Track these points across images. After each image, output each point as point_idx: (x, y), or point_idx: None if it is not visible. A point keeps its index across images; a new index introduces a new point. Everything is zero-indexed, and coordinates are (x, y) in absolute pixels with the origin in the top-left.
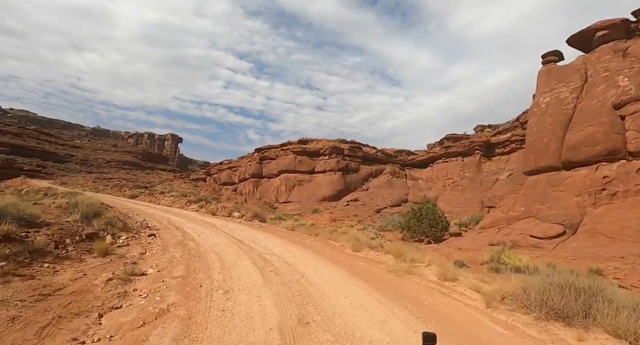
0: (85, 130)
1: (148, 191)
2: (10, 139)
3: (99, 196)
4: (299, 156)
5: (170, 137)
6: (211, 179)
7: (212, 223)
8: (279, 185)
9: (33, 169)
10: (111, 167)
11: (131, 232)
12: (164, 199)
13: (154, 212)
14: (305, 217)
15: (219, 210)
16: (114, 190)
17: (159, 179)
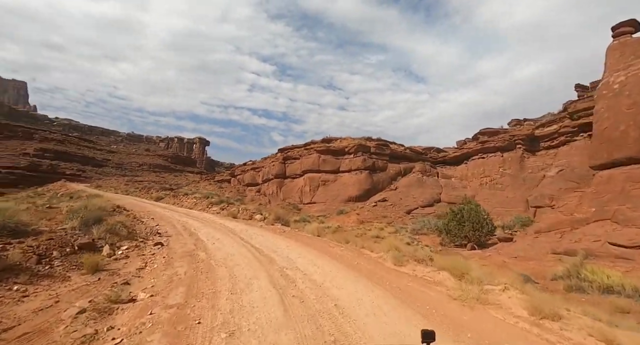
0: (121, 136)
1: (173, 193)
2: (55, 145)
3: (124, 198)
4: (323, 155)
5: (198, 141)
6: (235, 180)
7: (231, 228)
8: (302, 186)
9: (74, 173)
10: (143, 170)
11: (136, 240)
12: (187, 200)
13: (171, 216)
14: (330, 219)
15: (240, 212)
16: (142, 193)
17: (186, 181)
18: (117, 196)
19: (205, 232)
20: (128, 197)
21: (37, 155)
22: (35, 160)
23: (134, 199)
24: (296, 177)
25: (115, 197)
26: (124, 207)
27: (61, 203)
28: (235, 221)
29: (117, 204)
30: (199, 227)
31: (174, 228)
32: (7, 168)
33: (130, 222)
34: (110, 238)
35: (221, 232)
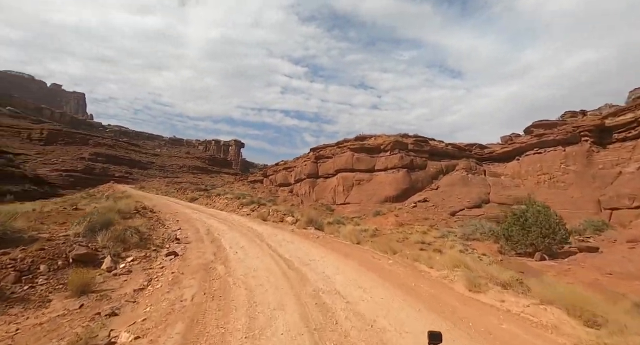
0: (164, 140)
1: (206, 194)
2: (106, 150)
3: (158, 199)
4: (357, 153)
5: (233, 143)
6: (267, 181)
7: (259, 232)
8: (336, 186)
9: (122, 175)
10: (183, 171)
11: (147, 249)
12: (219, 201)
13: (197, 218)
14: (366, 221)
15: (270, 214)
16: (179, 193)
17: (221, 182)
18: (153, 197)
19: (229, 237)
20: (164, 197)
21: (91, 159)
22: (90, 164)
23: (168, 200)
24: (329, 177)
25: (151, 198)
26: (152, 209)
27: (92, 204)
28: (265, 224)
29: (144, 205)
30: (224, 232)
31: (197, 233)
32: (67, 171)
33: (150, 225)
34: (116, 246)
35: (247, 238)
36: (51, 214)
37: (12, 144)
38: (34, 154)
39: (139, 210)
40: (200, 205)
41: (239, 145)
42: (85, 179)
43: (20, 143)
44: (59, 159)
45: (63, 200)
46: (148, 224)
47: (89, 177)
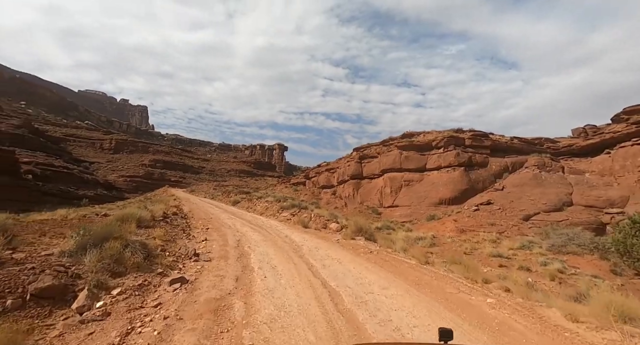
0: (214, 146)
1: (248, 197)
2: (163, 156)
3: (201, 202)
4: (405, 152)
5: (277, 147)
6: (310, 183)
7: (298, 243)
8: (382, 187)
9: (177, 179)
10: (230, 175)
11: (150, 272)
12: (259, 204)
13: (231, 224)
14: (419, 226)
15: (312, 219)
16: (223, 196)
17: (264, 185)
18: (198, 200)
19: (261, 251)
20: (208, 201)
21: (151, 165)
22: (150, 170)
23: (210, 203)
24: (374, 178)
25: (194, 201)
26: (185, 213)
27: (126, 208)
28: (305, 232)
29: (176, 211)
30: (257, 243)
31: (224, 245)
32: (131, 177)
33: (170, 236)
34: (104, 272)
35: (283, 253)
36: (71, 222)
37: (87, 153)
38: (105, 161)
39: (167, 217)
40: (240, 209)
41: (283, 149)
42: (146, 184)
43: (94, 152)
44: (124, 165)
45: (115, 205)
46: (168, 234)
47: (148, 182)
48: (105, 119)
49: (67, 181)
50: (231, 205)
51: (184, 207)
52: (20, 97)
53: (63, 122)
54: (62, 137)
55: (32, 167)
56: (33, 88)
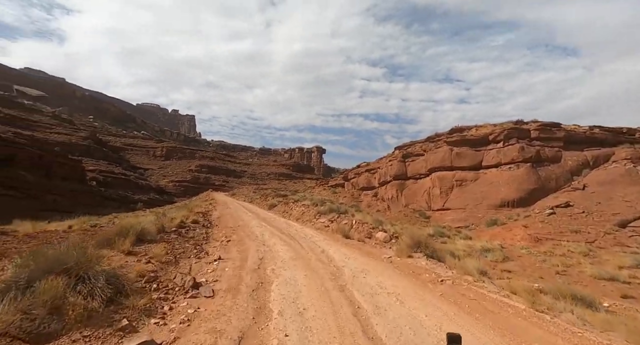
0: (255, 151)
1: (284, 200)
2: (208, 162)
3: (236, 206)
4: (457, 148)
5: (315, 150)
6: (349, 184)
7: (338, 265)
8: (430, 188)
9: (220, 183)
10: (270, 178)
11: (110, 324)
12: (296, 208)
13: (259, 234)
14: (478, 233)
15: (353, 227)
16: (261, 200)
17: (303, 187)
18: (234, 204)
19: (287, 279)
20: (245, 204)
21: (197, 170)
22: (196, 175)
23: (246, 207)
24: (420, 178)
25: (229, 205)
26: (211, 220)
27: (149, 216)
28: (346, 244)
29: (197, 219)
30: (284, 264)
31: (240, 268)
32: (179, 181)
33: (170, 257)
34: (22, 332)
35: (317, 282)
36: (67, 234)
37: (142, 161)
38: (157, 168)
39: (183, 226)
40: (275, 214)
41: (321, 151)
42: (192, 188)
43: (148, 160)
44: (174, 171)
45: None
46: (172, 253)
47: (194, 186)
48: (158, 128)
49: (125, 187)
50: (267, 210)
51: (214, 213)
52: (89, 112)
53: (122, 133)
54: (122, 147)
55: (96, 174)
56: (99, 104)
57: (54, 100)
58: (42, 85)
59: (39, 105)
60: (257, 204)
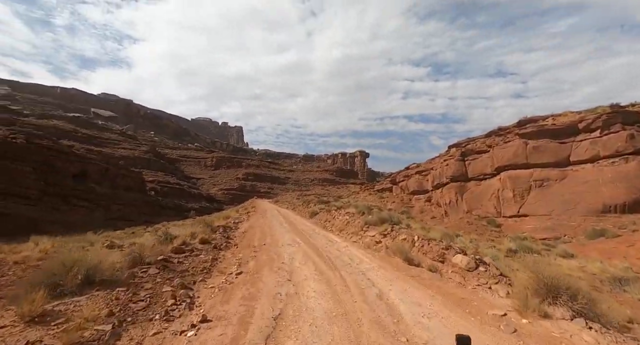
0: (298, 157)
1: (327, 207)
2: (254, 170)
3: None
4: (533, 141)
5: (358, 154)
6: (398, 188)
7: (414, 334)
8: (499, 190)
9: (265, 191)
10: (314, 184)
11: None
12: (339, 217)
13: (288, 260)
14: (580, 248)
15: (416, 244)
16: (303, 207)
17: (347, 192)
18: (273, 212)
19: None
20: (285, 212)
21: (243, 179)
22: (242, 182)
23: (284, 216)
24: (485, 178)
25: (266, 214)
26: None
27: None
28: (415, 279)
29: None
30: (314, 334)
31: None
32: (227, 189)
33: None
34: None
35: None
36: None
37: (195, 171)
38: (208, 177)
39: (182, 250)
40: (315, 225)
41: (364, 156)
42: (239, 195)
43: (200, 170)
44: (222, 180)
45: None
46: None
47: (241, 194)
48: (209, 140)
49: (180, 196)
50: (307, 218)
51: (243, 225)
52: (151, 128)
53: (178, 146)
54: (177, 158)
55: (154, 184)
56: (159, 120)
57: (122, 119)
58: (113, 106)
59: (109, 124)
60: (298, 212)
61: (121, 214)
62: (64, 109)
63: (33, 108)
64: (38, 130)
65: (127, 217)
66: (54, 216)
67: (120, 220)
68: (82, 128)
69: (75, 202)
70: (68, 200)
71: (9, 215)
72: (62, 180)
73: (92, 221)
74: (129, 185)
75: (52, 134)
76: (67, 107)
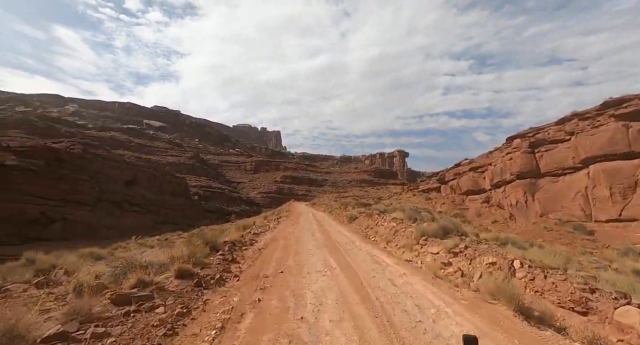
0: (336, 159)
1: (367, 211)
2: (291, 172)
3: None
4: (636, 123)
5: (397, 154)
6: (447, 188)
7: None
8: (588, 187)
9: (303, 193)
10: (351, 185)
11: None
12: (384, 223)
13: (314, 304)
14: None
15: (517, 274)
16: (340, 210)
17: (387, 194)
18: (308, 215)
19: None
20: (321, 216)
21: (281, 181)
22: (280, 185)
23: (319, 222)
24: (566, 173)
25: (299, 220)
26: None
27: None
28: None
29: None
30: None
31: None
32: (266, 193)
33: None
34: None
35: None
36: None
37: (235, 175)
38: (247, 181)
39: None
40: (354, 234)
41: (403, 155)
42: (277, 198)
43: (240, 174)
44: (261, 183)
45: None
46: None
47: (279, 197)
48: (249, 145)
49: (221, 200)
50: (345, 224)
51: (265, 236)
52: (196, 136)
53: (219, 151)
54: (219, 163)
55: (197, 189)
56: (203, 128)
57: (170, 128)
58: (163, 117)
59: (159, 134)
60: (335, 215)
61: (168, 218)
62: (121, 122)
63: (96, 122)
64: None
65: (174, 221)
66: (109, 221)
67: (165, 224)
68: (134, 138)
69: (127, 207)
70: (121, 206)
71: (69, 221)
72: (115, 187)
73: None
74: (174, 191)
75: (109, 144)
76: (123, 120)
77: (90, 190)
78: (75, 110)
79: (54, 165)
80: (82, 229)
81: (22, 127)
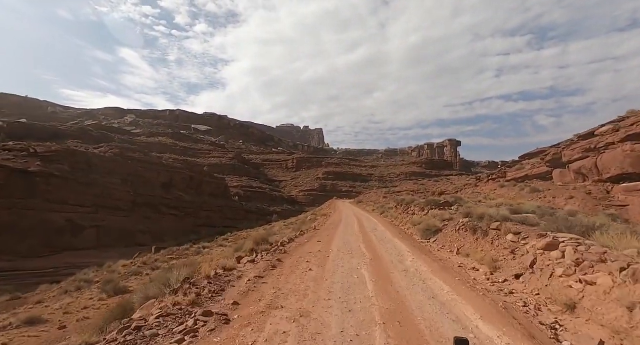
0: (380, 153)
1: (449, 214)
2: (334, 168)
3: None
4: None
5: (448, 143)
6: (569, 174)
7: None
8: None
9: (347, 189)
10: (400, 179)
11: None
12: (502, 243)
13: None
14: None
15: None
16: (400, 211)
17: (451, 186)
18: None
19: None
20: (370, 218)
21: (324, 178)
22: (323, 182)
23: (368, 236)
24: None
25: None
26: None
27: None
28: None
29: None
30: None
31: None
32: (308, 191)
33: None
34: None
35: None
36: None
37: (277, 174)
38: (290, 179)
39: None
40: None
41: (455, 145)
42: (320, 196)
43: (282, 172)
44: (303, 181)
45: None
46: None
47: (322, 194)
48: (292, 144)
49: (262, 200)
50: (420, 242)
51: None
52: (240, 138)
53: (262, 151)
54: (261, 163)
55: (238, 189)
56: (247, 129)
57: (216, 132)
58: (209, 122)
59: (205, 137)
60: (391, 219)
61: (208, 221)
62: (172, 128)
63: (150, 130)
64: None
65: (214, 224)
66: (145, 225)
67: (205, 227)
68: (180, 141)
69: (165, 210)
70: (158, 209)
71: (102, 228)
72: (152, 190)
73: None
74: (213, 192)
75: (157, 148)
76: (174, 126)
77: (125, 195)
78: (133, 120)
79: (84, 170)
80: (117, 235)
81: (81, 137)
